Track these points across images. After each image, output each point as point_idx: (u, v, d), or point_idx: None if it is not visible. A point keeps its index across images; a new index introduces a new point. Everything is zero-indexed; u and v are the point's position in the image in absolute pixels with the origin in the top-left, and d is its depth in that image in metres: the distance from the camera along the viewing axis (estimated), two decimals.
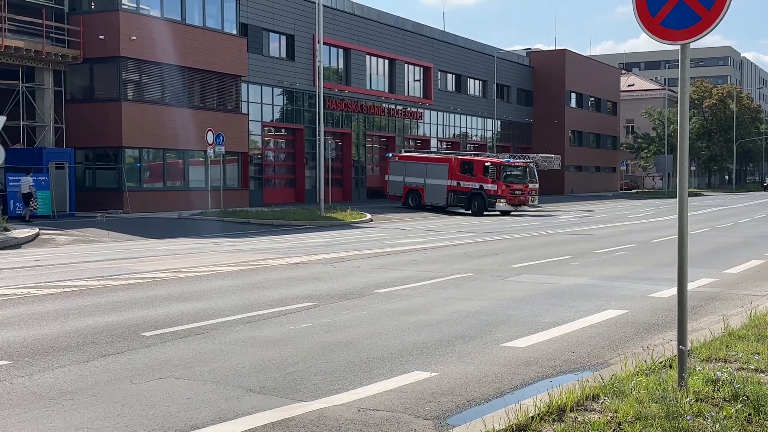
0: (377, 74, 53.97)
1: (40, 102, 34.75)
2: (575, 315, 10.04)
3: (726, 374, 6.11)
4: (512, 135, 71.06)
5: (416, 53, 56.77)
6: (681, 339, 6.02)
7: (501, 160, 41.31)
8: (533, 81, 74.60)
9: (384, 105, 53.84)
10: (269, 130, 46.23)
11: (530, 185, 40.73)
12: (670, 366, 6.56)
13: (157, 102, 36.69)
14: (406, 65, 56.23)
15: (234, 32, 40.71)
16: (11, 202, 29.34)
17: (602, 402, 5.71)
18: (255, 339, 8.61)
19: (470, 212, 39.59)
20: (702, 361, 6.83)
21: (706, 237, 23.13)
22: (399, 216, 36.93)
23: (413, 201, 42.33)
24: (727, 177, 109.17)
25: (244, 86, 41.76)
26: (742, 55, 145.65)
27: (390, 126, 55.05)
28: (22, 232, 23.92)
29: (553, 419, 5.43)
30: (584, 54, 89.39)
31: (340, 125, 50.04)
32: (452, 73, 62.25)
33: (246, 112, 41.94)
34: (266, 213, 33.25)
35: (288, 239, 23.62)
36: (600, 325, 9.42)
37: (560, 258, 17.07)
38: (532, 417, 5.41)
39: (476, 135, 66.37)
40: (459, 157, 42.28)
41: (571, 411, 5.56)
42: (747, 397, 5.56)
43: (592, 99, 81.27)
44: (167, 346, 8.26)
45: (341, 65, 50.62)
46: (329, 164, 40.48)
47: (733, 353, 7.12)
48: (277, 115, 45.66)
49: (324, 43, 40.28)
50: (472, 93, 65.38)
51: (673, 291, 7.34)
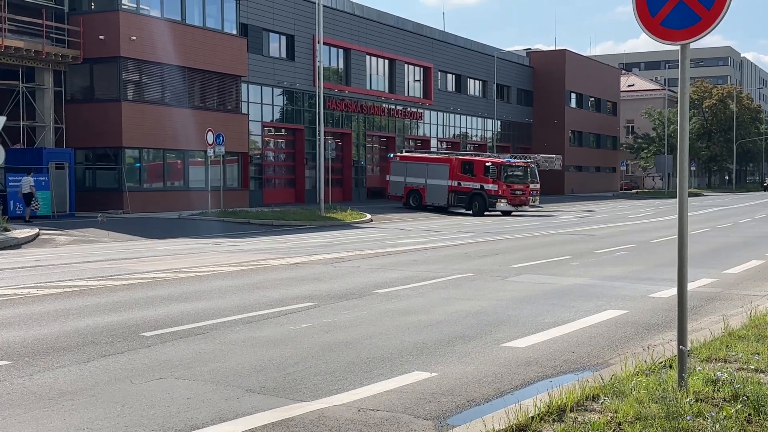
0: (377, 74, 53.97)
1: (40, 102, 34.74)
2: (575, 315, 10.04)
3: (726, 374, 6.11)
4: (512, 135, 71.04)
5: (416, 53, 56.77)
6: (681, 339, 6.02)
7: (502, 161, 41.30)
8: (533, 81, 74.60)
9: (384, 105, 53.83)
10: (269, 131, 46.23)
11: (531, 185, 40.71)
12: (670, 366, 6.56)
13: (157, 102, 36.68)
14: (406, 65, 56.23)
15: (234, 32, 40.70)
16: (11, 203, 29.34)
17: (602, 402, 5.71)
18: (255, 339, 8.61)
19: (471, 212, 39.59)
20: (702, 362, 6.83)
21: (706, 237, 23.13)
22: (399, 216, 36.92)
23: (414, 201, 42.36)
24: (727, 177, 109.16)
25: (244, 86, 41.76)
26: (742, 55, 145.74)
27: (390, 126, 55.05)
28: (22, 232, 23.91)
29: (553, 419, 5.43)
30: (584, 54, 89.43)
31: (340, 125, 50.04)
32: (452, 74, 62.24)
33: (246, 113, 41.93)
34: (266, 213, 33.24)
35: (288, 239, 23.62)
36: (600, 326, 9.42)
37: (560, 258, 17.07)
38: (532, 417, 5.41)
39: (476, 135, 66.37)
40: (460, 158, 42.28)
41: (571, 411, 5.56)
42: (747, 398, 5.56)
43: (592, 99, 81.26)
44: (167, 347, 8.26)
45: (341, 65, 50.62)
46: (329, 164, 40.49)
47: (733, 353, 7.12)
48: (277, 116, 45.66)
49: (324, 44, 40.27)
50: (472, 93, 65.37)
51: (673, 291, 7.33)
